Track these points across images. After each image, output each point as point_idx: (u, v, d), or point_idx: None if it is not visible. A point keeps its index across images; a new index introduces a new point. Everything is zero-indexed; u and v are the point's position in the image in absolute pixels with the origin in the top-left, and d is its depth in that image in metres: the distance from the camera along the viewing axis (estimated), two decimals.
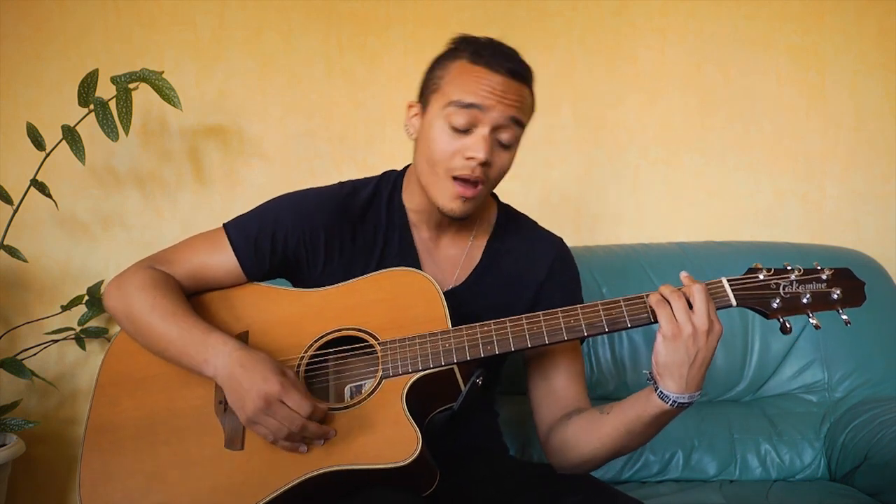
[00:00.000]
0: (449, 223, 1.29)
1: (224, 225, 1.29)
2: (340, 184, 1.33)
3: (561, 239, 1.37)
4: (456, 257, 1.31)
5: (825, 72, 2.09)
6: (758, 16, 2.09)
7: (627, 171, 2.10)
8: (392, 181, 1.33)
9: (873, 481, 1.58)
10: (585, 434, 1.18)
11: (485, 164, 1.17)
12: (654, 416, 1.10)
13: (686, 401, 1.07)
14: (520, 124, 1.19)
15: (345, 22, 2.05)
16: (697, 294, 1.06)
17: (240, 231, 1.26)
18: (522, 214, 1.39)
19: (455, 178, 1.18)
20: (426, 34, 2.05)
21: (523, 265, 1.31)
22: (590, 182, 2.10)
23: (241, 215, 1.29)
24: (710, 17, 2.08)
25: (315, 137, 2.06)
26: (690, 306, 1.06)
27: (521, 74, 1.18)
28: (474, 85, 1.15)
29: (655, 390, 1.08)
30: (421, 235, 1.30)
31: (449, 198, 1.19)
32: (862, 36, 2.09)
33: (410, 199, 1.30)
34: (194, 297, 1.26)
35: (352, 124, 2.06)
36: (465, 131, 1.16)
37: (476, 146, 1.15)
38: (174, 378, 1.19)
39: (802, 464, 1.72)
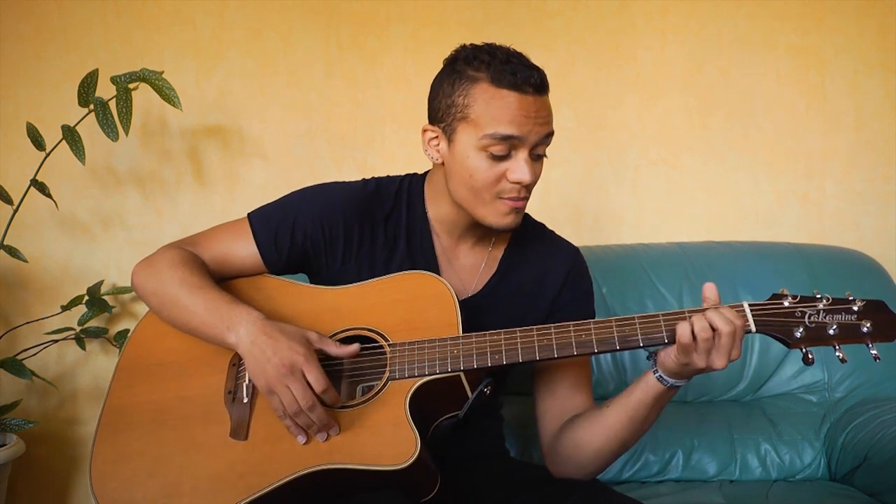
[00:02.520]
0: (471, 233, 1.29)
1: (248, 214, 1.30)
2: (364, 181, 1.32)
3: (577, 249, 1.36)
4: (474, 266, 1.31)
5: (825, 72, 2.09)
6: (758, 16, 2.09)
7: (627, 171, 2.10)
8: (415, 185, 1.32)
9: (873, 481, 1.57)
10: (590, 431, 1.18)
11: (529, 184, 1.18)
12: (656, 398, 1.12)
13: (681, 384, 1.11)
14: (551, 136, 1.19)
15: (345, 22, 2.05)
16: (726, 339, 1.03)
17: (262, 222, 1.27)
18: (540, 223, 1.38)
19: (502, 198, 1.19)
20: (426, 34, 2.05)
21: (539, 275, 1.31)
22: (590, 182, 2.10)
23: (265, 205, 1.31)
24: (710, 17, 2.08)
25: (315, 137, 2.06)
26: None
27: (545, 84, 1.16)
28: (507, 114, 1.13)
29: (655, 374, 1.10)
30: (441, 243, 1.30)
31: (502, 215, 1.19)
32: (862, 36, 2.08)
33: (434, 208, 1.29)
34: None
35: (352, 124, 2.06)
36: (504, 156, 1.16)
37: (520, 170, 1.15)
38: (189, 366, 1.21)
39: (802, 464, 1.72)
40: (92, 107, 1.76)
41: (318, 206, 1.27)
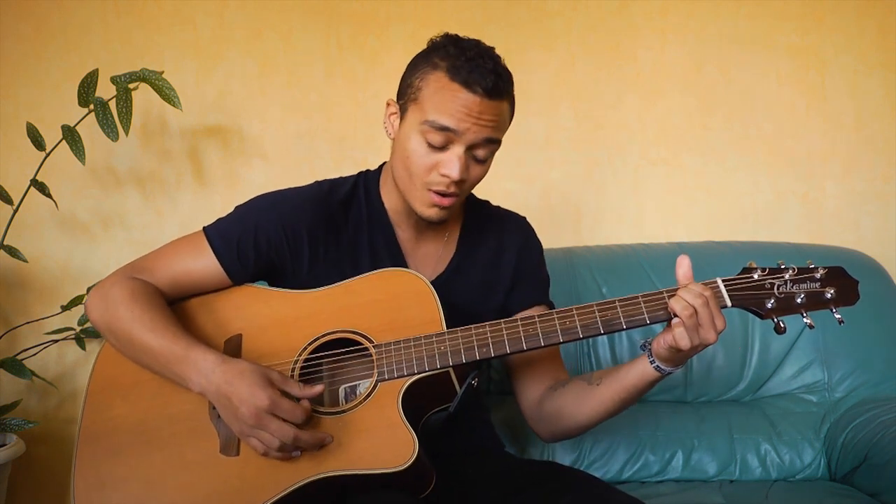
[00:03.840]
0: (425, 220, 1.29)
1: (204, 229, 1.27)
2: (318, 183, 1.33)
3: (525, 218, 1.41)
4: (435, 251, 1.33)
5: (825, 72, 2.09)
6: (758, 16, 2.09)
7: (627, 171, 2.10)
8: (370, 180, 1.33)
9: (873, 481, 1.57)
10: (577, 405, 1.23)
11: (458, 182, 1.18)
12: (650, 384, 1.16)
13: (678, 370, 1.14)
14: (495, 142, 1.19)
15: (345, 22, 2.05)
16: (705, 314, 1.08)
17: (221, 235, 1.25)
18: (484, 200, 1.41)
19: (431, 189, 1.20)
20: (426, 34, 2.00)
21: (497, 247, 1.35)
22: (590, 182, 2.10)
23: (220, 218, 1.28)
24: (710, 17, 2.08)
25: (315, 137, 2.06)
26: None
27: (499, 91, 1.15)
28: (450, 106, 1.14)
29: (652, 364, 1.13)
30: (402, 234, 1.31)
31: (426, 205, 1.21)
32: (862, 36, 2.08)
33: (389, 198, 1.30)
34: (188, 300, 1.25)
35: (352, 124, 2.06)
36: (441, 148, 1.17)
37: (451, 165, 1.16)
38: (167, 383, 1.18)
39: (802, 464, 1.72)
40: (92, 107, 1.76)
41: (277, 214, 1.25)
